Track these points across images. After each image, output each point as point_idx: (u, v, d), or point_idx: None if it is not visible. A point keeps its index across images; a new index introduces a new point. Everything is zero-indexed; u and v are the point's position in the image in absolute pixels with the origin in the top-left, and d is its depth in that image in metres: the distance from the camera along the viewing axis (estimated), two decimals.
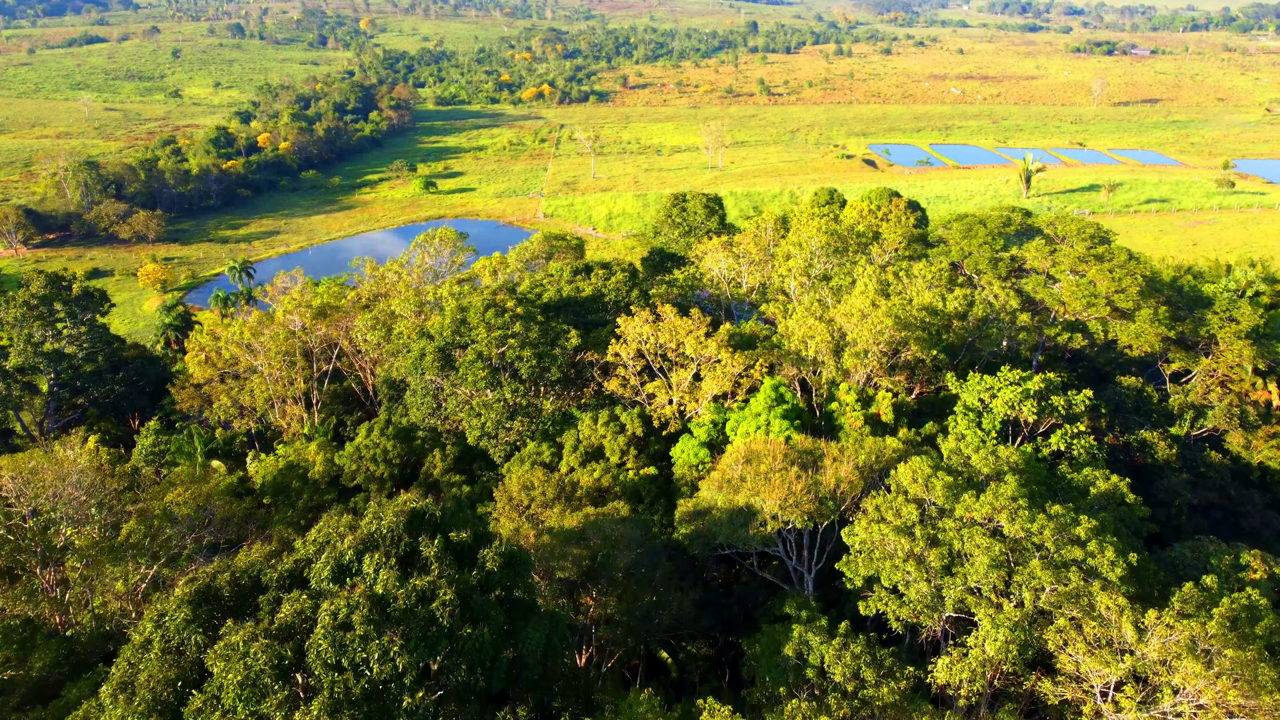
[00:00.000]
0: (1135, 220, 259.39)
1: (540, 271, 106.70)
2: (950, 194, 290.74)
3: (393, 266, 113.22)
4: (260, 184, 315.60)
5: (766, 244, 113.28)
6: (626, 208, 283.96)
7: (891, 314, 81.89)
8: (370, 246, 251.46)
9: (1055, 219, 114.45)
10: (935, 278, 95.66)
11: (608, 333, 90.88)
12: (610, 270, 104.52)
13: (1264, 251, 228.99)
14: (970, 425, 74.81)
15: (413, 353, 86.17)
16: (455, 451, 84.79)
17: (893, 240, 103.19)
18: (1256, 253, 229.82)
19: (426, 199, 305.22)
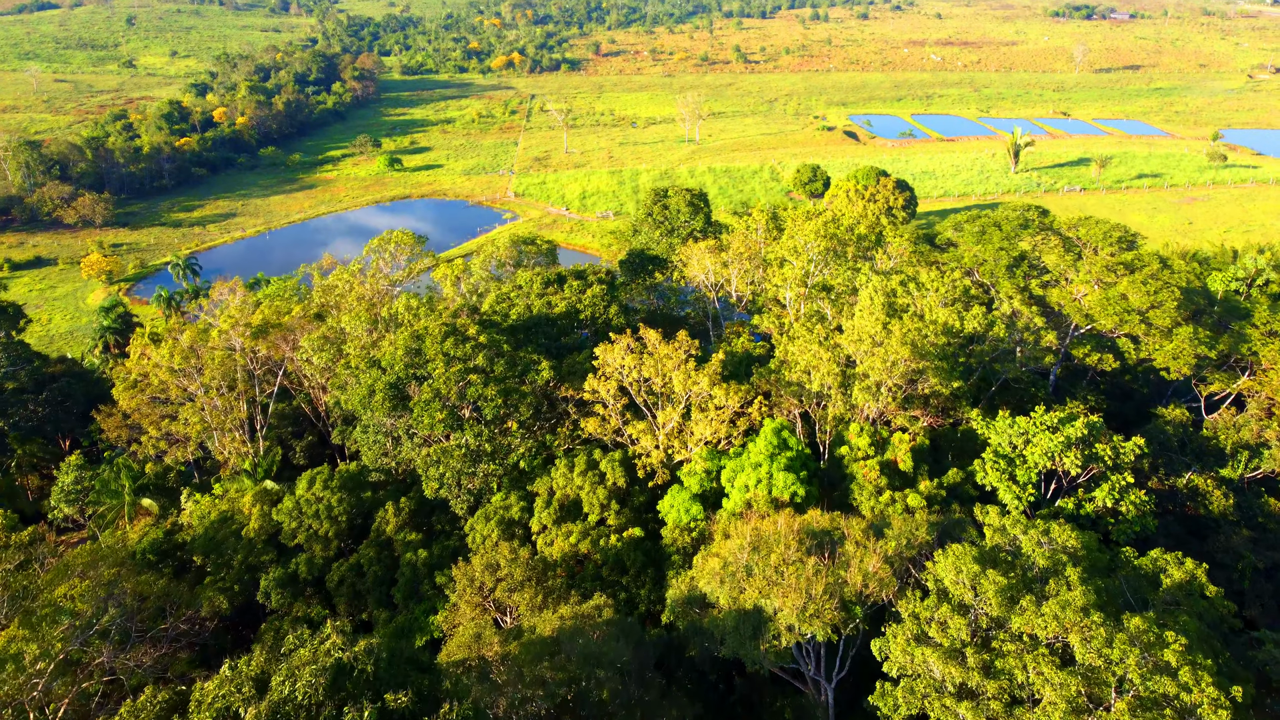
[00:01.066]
0: (1128, 197, 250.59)
1: (508, 282, 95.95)
2: (936, 169, 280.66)
3: (343, 276, 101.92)
4: (216, 162, 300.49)
5: (758, 247, 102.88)
6: (601, 186, 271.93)
7: (907, 341, 71.83)
8: (331, 231, 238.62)
9: (1078, 221, 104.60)
10: (948, 289, 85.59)
11: (585, 359, 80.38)
12: (585, 280, 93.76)
13: (1261, 230, 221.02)
14: (1003, 478, 65.07)
15: (360, 388, 75.31)
16: (411, 504, 74.29)
17: (898, 245, 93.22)
18: (1254, 231, 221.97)
19: (391, 177, 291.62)
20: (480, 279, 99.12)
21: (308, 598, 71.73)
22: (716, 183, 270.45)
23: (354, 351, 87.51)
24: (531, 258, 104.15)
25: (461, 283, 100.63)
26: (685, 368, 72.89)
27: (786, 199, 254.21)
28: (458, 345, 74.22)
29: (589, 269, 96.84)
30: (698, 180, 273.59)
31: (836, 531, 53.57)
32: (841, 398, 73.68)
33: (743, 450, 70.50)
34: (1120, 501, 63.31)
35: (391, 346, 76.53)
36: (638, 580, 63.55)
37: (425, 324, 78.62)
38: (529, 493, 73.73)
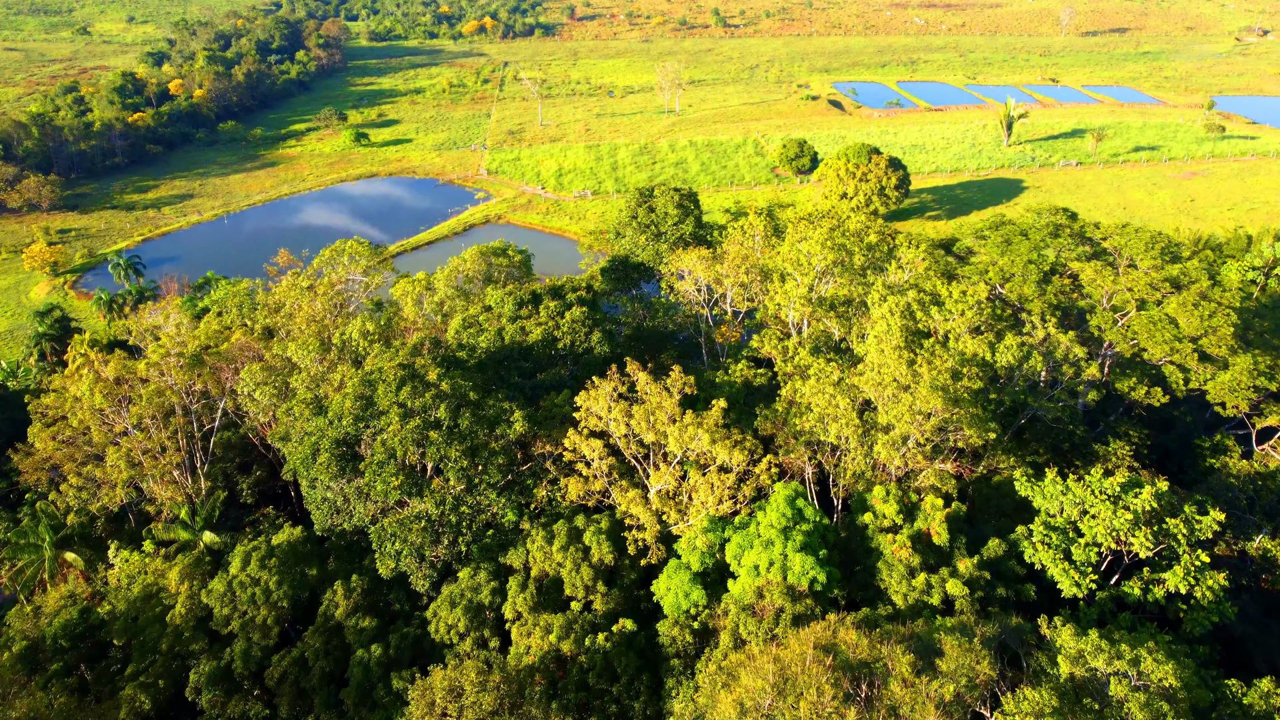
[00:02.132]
0: (1126, 172, 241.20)
1: (476, 301, 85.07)
2: (926, 142, 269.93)
3: (290, 294, 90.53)
4: (173, 138, 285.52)
5: (755, 256, 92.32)
6: (578, 162, 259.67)
7: (938, 385, 61.85)
8: (292, 215, 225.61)
9: (1115, 230, 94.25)
10: (973, 310, 75.53)
11: (564, 401, 69.96)
12: (564, 300, 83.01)
13: (1266, 208, 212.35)
14: (1056, 556, 55.44)
15: (303, 446, 64.71)
16: (365, 582, 63.99)
17: (912, 256, 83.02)
18: (1258, 209, 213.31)
19: (358, 153, 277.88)
20: (445, 296, 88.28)
21: (245, 693, 61.63)
22: (699, 158, 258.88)
23: (301, 387, 76.67)
24: (503, 271, 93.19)
25: (425, 301, 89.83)
26: (681, 422, 62.65)
27: (772, 175, 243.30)
28: (415, 394, 63.67)
29: (567, 284, 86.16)
30: (678, 155, 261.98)
31: (878, 664, 43.89)
32: (862, 451, 63.81)
33: (750, 519, 60.61)
34: (1195, 587, 53.99)
35: (340, 395, 65.80)
36: (630, 689, 53.81)
37: (379, 364, 67.98)
38: (502, 566, 63.67)
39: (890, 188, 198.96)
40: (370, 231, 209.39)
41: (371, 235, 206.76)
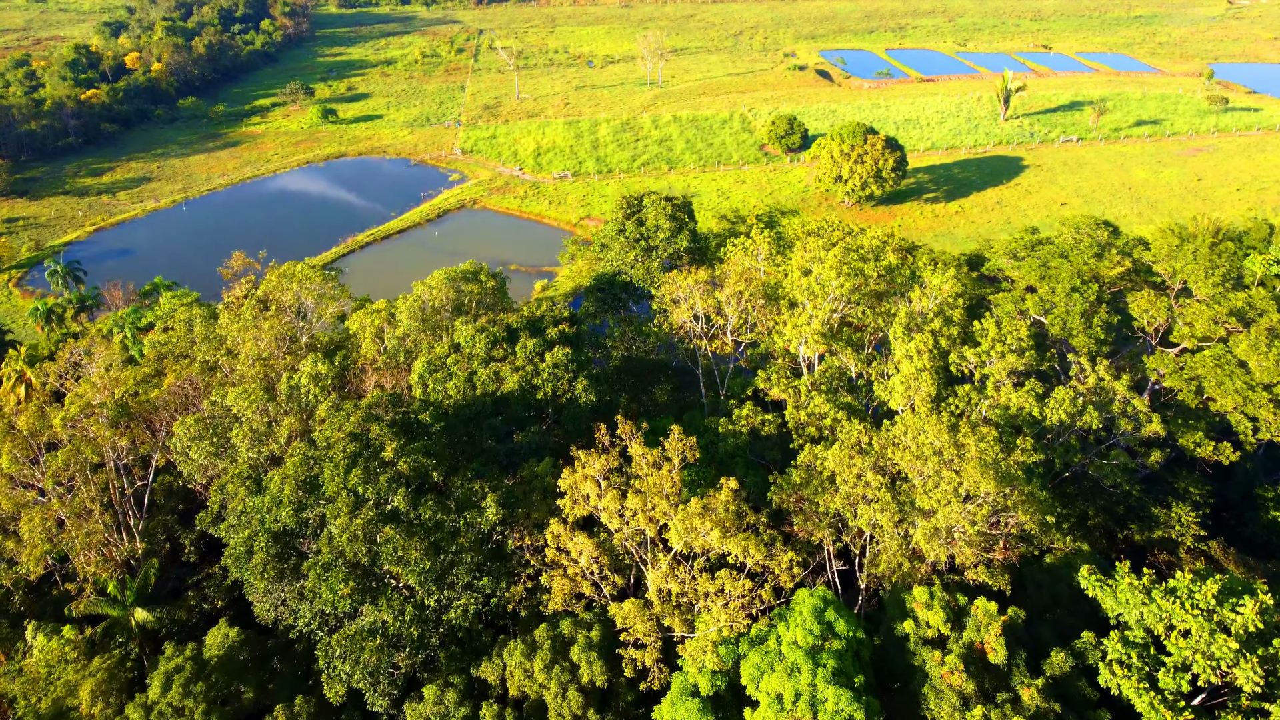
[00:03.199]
0: (1128, 148, 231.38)
1: (444, 339, 74.26)
2: (920, 116, 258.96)
3: (233, 327, 79.56)
4: (129, 116, 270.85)
5: (760, 281, 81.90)
6: (557, 140, 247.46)
7: (987, 463, 52.12)
8: (255, 201, 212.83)
9: (1167, 249, 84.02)
10: (1015, 354, 65.70)
11: (545, 471, 59.91)
12: (543, 335, 72.55)
13: (1277, 187, 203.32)
14: (1140, 687, 46.14)
15: (236, 539, 54.53)
16: (310, 707, 54.06)
17: (937, 281, 73.03)
18: (1268, 188, 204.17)
19: (325, 131, 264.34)
20: (409, 330, 77.60)
21: None
22: (683, 135, 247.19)
23: (243, 446, 66.23)
24: (474, 299, 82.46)
25: (386, 335, 79.18)
26: (686, 510, 52.73)
27: (761, 153, 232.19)
28: (368, 477, 53.56)
29: (546, 315, 75.66)
30: (662, 132, 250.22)
31: None
32: (897, 542, 54.22)
33: (769, 630, 51.04)
34: None
35: (279, 474, 55.45)
36: None
37: (327, 432, 57.70)
38: (475, 680, 54.04)
39: (887, 170, 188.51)
40: (337, 219, 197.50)
41: (338, 223, 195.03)
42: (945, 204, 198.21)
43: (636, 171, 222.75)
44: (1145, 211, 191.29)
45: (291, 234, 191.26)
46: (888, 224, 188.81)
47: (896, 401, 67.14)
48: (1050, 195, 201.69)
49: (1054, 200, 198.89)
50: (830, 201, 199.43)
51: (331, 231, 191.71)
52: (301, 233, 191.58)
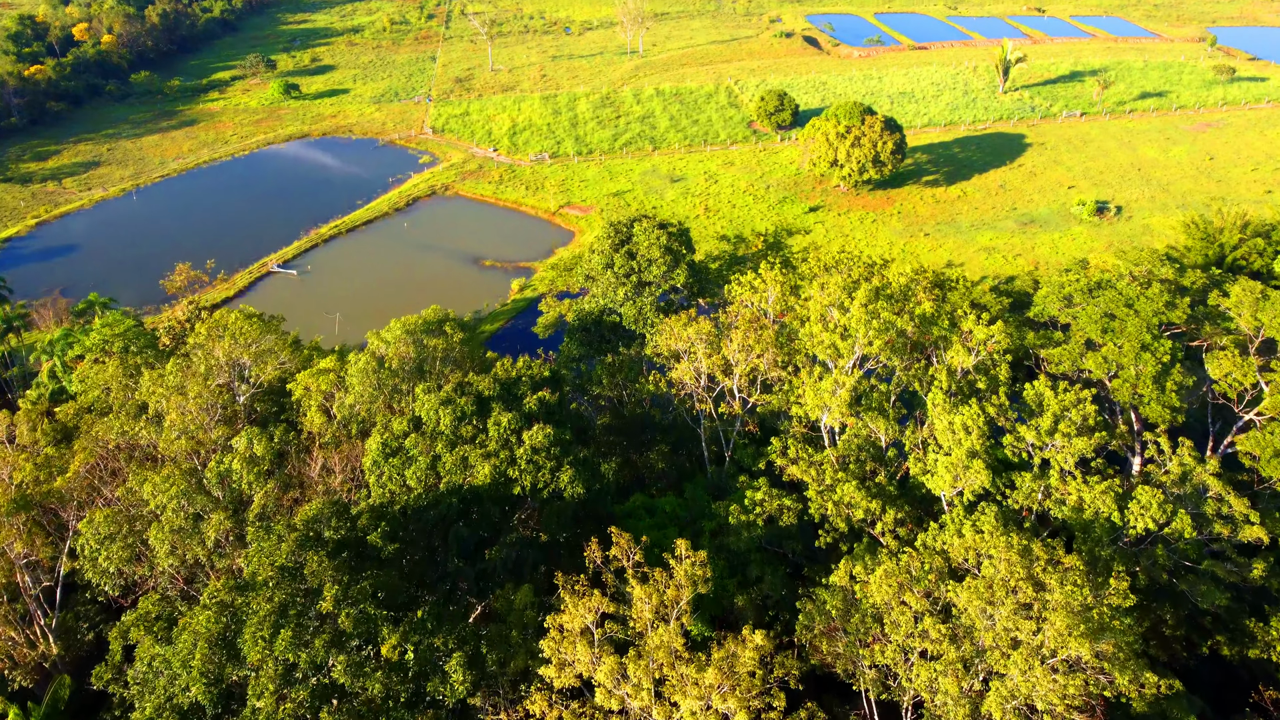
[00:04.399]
0: (1134, 124, 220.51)
1: (403, 408, 63.05)
2: (915, 89, 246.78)
3: (156, 391, 67.96)
4: (78, 93, 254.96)
5: (771, 335, 70.72)
6: (533, 116, 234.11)
7: (1076, 613, 41.82)
8: (210, 190, 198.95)
9: (1248, 297, 72.86)
10: (1083, 437, 55.18)
11: (524, 603, 49.10)
12: (519, 403, 61.51)
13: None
14: None
15: (144, 704, 43.67)
16: None
17: (981, 335, 62.41)
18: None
19: (288, 108, 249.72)
20: (361, 397, 66.27)
21: None
22: (667, 111, 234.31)
23: (162, 550, 55.18)
24: (438, 355, 70.96)
25: (335, 402, 67.83)
26: (702, 681, 42.20)
27: (749, 131, 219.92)
28: (300, 641, 42.72)
29: (523, 374, 64.59)
30: (644, 107, 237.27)
31: None
32: (964, 711, 43.94)
33: None
34: None
35: (188, 634, 44.51)
36: None
37: (253, 565, 46.80)
38: None
39: (886, 153, 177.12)
40: (299, 209, 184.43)
41: (300, 213, 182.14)
42: (946, 187, 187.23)
43: (618, 152, 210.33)
44: (1158, 195, 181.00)
45: (249, 227, 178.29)
46: (887, 209, 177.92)
47: (940, 486, 56.88)
48: (1056, 177, 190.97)
49: (1060, 183, 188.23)
50: (825, 186, 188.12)
51: (293, 223, 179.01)
52: (260, 225, 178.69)
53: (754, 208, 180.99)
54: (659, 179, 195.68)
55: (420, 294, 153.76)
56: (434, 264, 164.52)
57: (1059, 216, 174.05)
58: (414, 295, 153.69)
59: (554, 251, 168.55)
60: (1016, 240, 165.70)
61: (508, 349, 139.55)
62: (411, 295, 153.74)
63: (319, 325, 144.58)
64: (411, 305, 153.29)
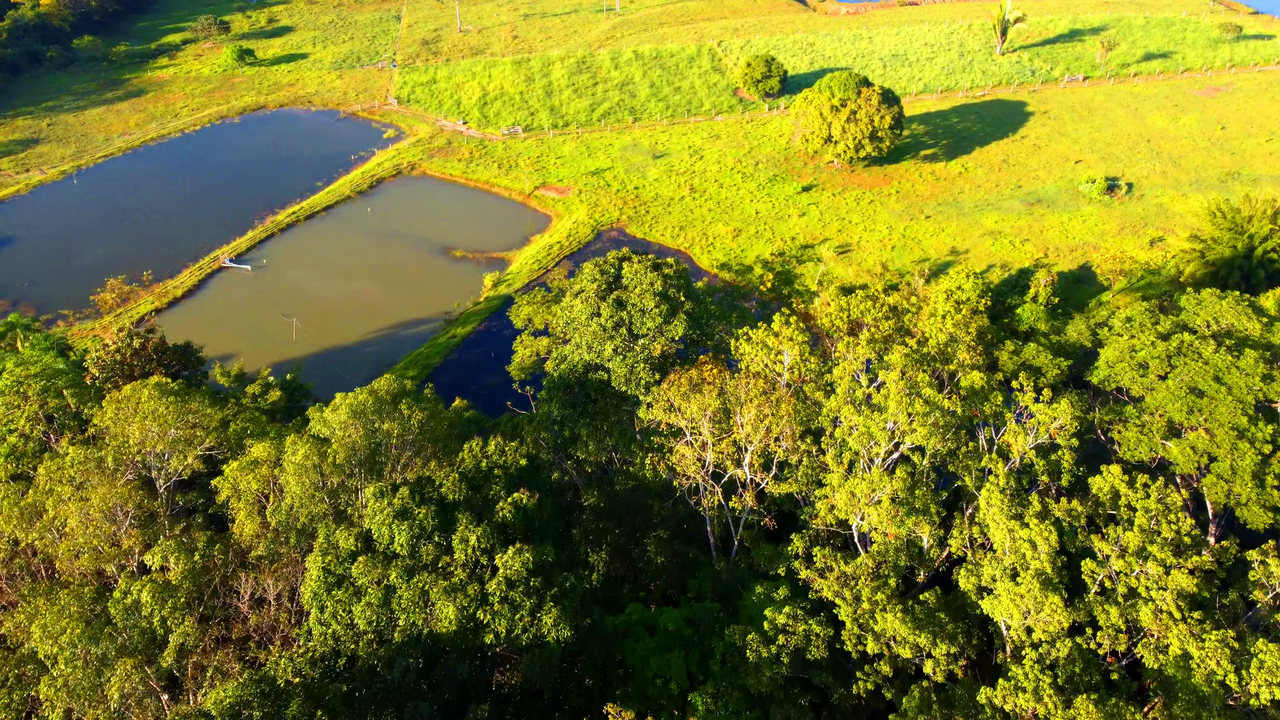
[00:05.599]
0: (1139, 89, 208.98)
1: (347, 525, 51.88)
2: (908, 51, 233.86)
3: (56, 491, 56.51)
4: (17, 61, 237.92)
5: (789, 408, 59.71)
6: (505, 84, 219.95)
7: None
8: (156, 171, 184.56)
9: None
10: (1172, 537, 45.16)
11: None
12: (490, 508, 50.71)
13: None
14: None
15: None
16: None
17: (1044, 417, 51.93)
18: None
19: (243, 76, 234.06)
20: (299, 499, 54.83)
21: None
22: (647, 77, 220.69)
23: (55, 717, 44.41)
24: (394, 441, 59.46)
25: (270, 507, 56.61)
26: None
27: (735, 99, 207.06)
28: None
29: (496, 467, 53.79)
30: (623, 73, 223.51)
31: None
32: None
33: None
34: None
35: None
36: None
37: None
38: None
39: (884, 129, 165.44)
40: (254, 192, 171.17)
41: (255, 197, 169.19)
42: (946, 163, 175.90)
43: (596, 124, 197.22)
44: (1169, 171, 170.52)
45: (199, 214, 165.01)
46: (884, 188, 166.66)
47: (1002, 613, 46.98)
48: (1061, 150, 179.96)
49: (1066, 157, 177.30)
50: (817, 163, 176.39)
51: (247, 209, 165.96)
52: (211, 212, 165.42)
53: (743, 187, 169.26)
54: (640, 155, 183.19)
55: (385, 292, 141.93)
56: (400, 255, 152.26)
57: (1067, 195, 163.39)
58: (378, 293, 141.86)
59: (530, 239, 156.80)
60: (1023, 222, 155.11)
61: (480, 356, 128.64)
62: (376, 293, 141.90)
63: (275, 329, 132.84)
64: (376, 305, 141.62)
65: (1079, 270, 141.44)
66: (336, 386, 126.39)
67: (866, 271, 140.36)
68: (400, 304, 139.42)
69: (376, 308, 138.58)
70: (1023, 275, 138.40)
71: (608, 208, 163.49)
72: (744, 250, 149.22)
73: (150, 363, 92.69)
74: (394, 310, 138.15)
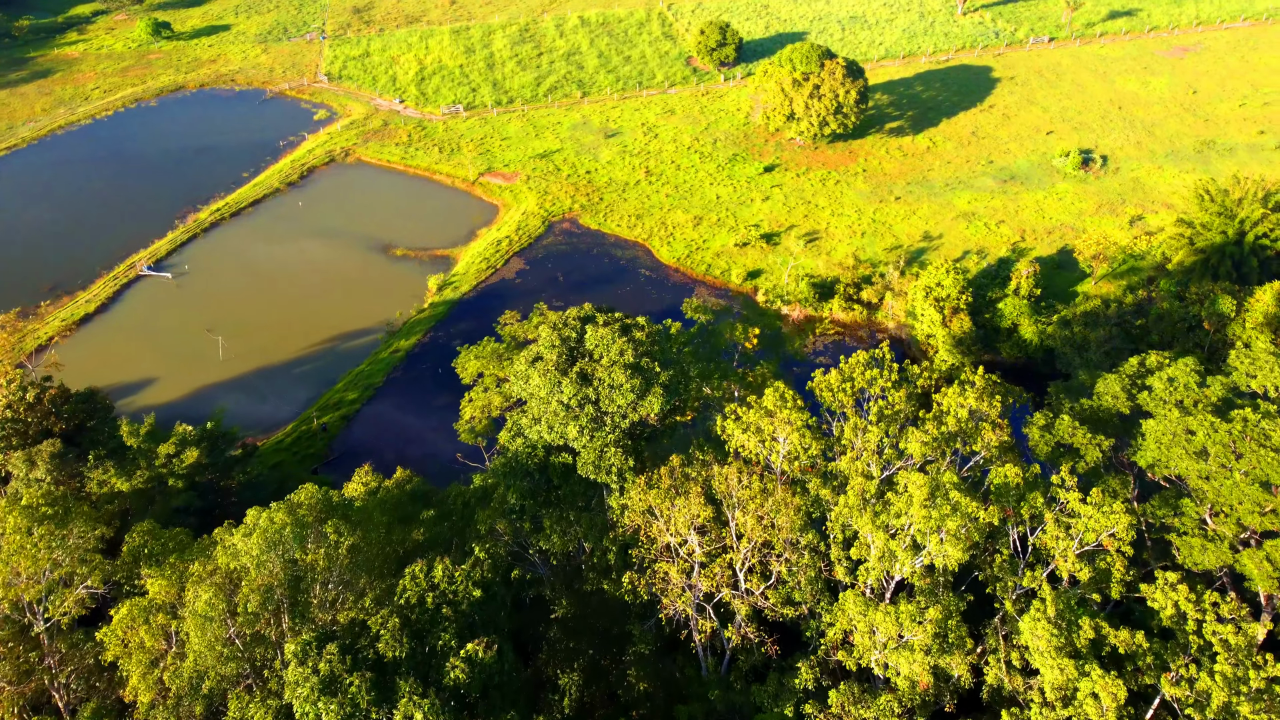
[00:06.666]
0: (1107, 50, 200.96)
1: (262, 695, 41.94)
2: (866, 12, 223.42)
3: None
4: None
5: (792, 504, 50.79)
6: (443, 57, 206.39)
7: None
8: (66, 164, 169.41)
9: None
10: (1256, 685, 37.45)
11: None
12: (440, 667, 41.25)
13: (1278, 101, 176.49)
14: None
15: None
16: None
17: (1099, 525, 43.57)
18: (1273, 103, 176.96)
19: (159, 52, 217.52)
20: (203, 659, 44.52)
21: None
22: (595, 46, 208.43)
23: None
24: (318, 577, 48.93)
25: (168, 665, 46.45)
26: None
27: (688, 69, 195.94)
28: None
29: (444, 610, 43.63)
30: (569, 42, 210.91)
31: None
32: None
33: None
34: None
35: None
36: None
37: None
38: None
39: (849, 104, 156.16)
40: (174, 187, 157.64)
41: (176, 193, 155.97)
42: (913, 137, 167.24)
43: (543, 100, 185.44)
44: (1144, 140, 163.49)
45: (115, 214, 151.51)
46: (850, 167, 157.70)
47: None
48: (1032, 120, 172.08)
49: (1037, 127, 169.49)
50: (779, 140, 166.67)
51: (167, 206, 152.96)
52: (127, 211, 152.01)
53: (701, 168, 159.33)
54: (591, 134, 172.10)
55: (321, 299, 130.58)
56: (336, 255, 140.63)
57: (1041, 170, 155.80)
58: (312, 301, 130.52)
59: (476, 234, 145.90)
60: (997, 203, 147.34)
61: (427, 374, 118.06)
62: (309, 301, 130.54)
63: (199, 347, 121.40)
64: (311, 315, 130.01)
65: (1059, 255, 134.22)
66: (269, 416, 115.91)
67: (838, 264, 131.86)
68: (337, 312, 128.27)
69: (311, 318, 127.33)
70: (1003, 265, 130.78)
71: (559, 195, 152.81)
72: (706, 241, 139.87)
73: (49, 417, 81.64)
74: (331, 320, 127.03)
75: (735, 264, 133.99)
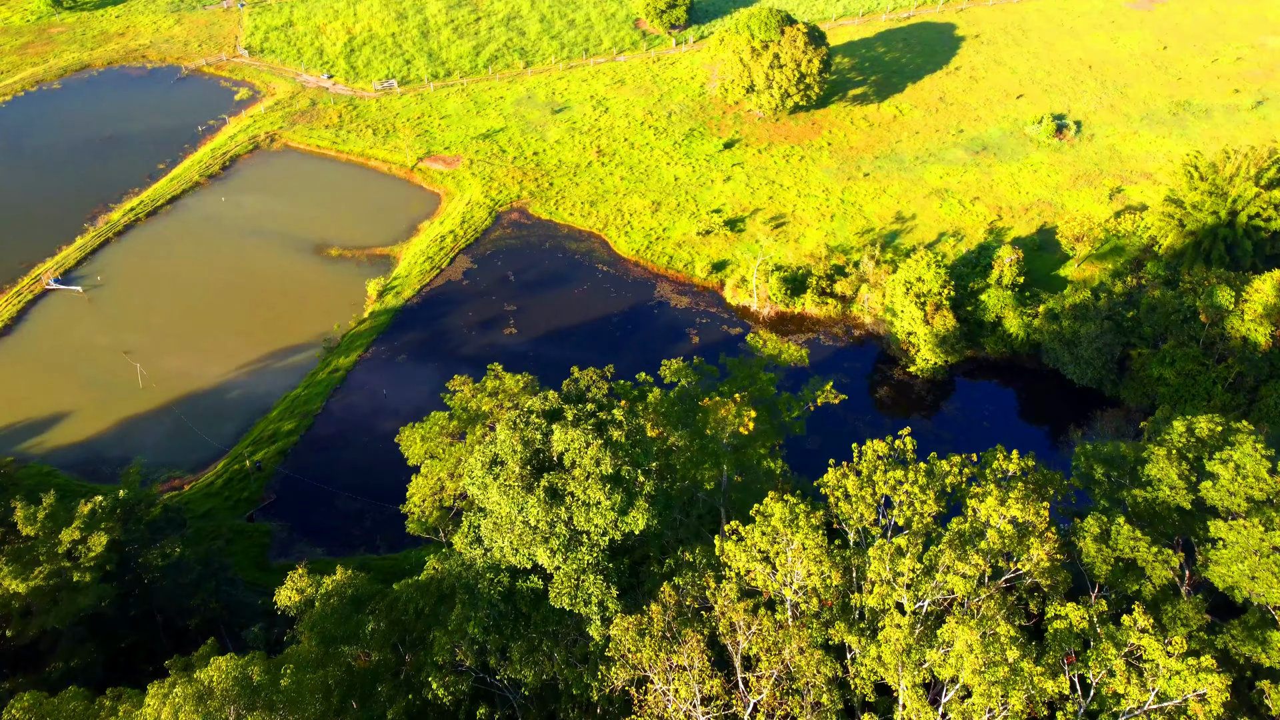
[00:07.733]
0: (1074, 4, 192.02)
1: None
2: None
3: None
4: None
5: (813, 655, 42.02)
6: (374, 24, 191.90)
7: None
8: None
9: None
10: None
11: None
12: None
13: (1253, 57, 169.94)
14: None
15: None
16: None
17: (1184, 686, 35.90)
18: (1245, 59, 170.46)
19: (60, 25, 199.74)
20: None
21: None
22: (536, 8, 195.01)
23: None
24: None
25: None
26: None
27: (637, 33, 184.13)
28: None
29: None
30: (510, 5, 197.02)
31: None
32: None
33: None
34: None
35: None
36: None
37: None
38: None
39: (813, 74, 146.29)
40: (81, 186, 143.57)
41: (84, 193, 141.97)
42: (878, 105, 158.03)
43: (483, 71, 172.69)
44: (1118, 103, 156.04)
45: (15, 219, 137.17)
46: (815, 140, 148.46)
47: None
48: (1000, 83, 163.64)
49: (1006, 91, 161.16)
50: (737, 112, 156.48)
51: (75, 206, 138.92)
52: (30, 215, 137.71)
53: (657, 146, 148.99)
54: (537, 109, 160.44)
55: (249, 312, 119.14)
56: (265, 259, 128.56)
57: (1013, 139, 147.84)
58: (241, 314, 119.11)
59: (418, 229, 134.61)
60: (971, 176, 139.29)
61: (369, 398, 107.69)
62: (238, 314, 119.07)
63: (115, 373, 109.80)
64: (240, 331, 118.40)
65: (1039, 235, 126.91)
66: (196, 453, 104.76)
67: (808, 255, 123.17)
68: (269, 326, 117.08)
69: (241, 334, 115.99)
70: (983, 252, 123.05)
71: (505, 181, 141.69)
72: (666, 229, 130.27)
73: None
74: (262, 335, 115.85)
75: (699, 255, 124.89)
